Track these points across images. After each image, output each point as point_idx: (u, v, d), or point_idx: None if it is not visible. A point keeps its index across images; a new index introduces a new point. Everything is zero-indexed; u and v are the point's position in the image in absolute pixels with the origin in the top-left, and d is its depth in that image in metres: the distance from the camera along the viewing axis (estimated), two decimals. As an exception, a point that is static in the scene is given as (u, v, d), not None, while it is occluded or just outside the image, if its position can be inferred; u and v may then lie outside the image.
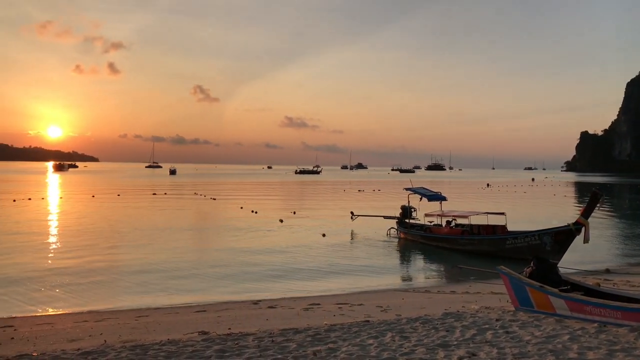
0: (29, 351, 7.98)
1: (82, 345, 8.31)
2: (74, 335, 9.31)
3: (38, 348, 8.25)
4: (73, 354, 7.60)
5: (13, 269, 16.68)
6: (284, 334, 8.49)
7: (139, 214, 34.93)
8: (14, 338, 9.17)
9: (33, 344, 8.64)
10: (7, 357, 7.56)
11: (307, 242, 23.51)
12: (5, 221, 29.78)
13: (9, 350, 8.13)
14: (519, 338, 7.77)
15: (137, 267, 17.51)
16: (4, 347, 8.45)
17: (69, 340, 8.90)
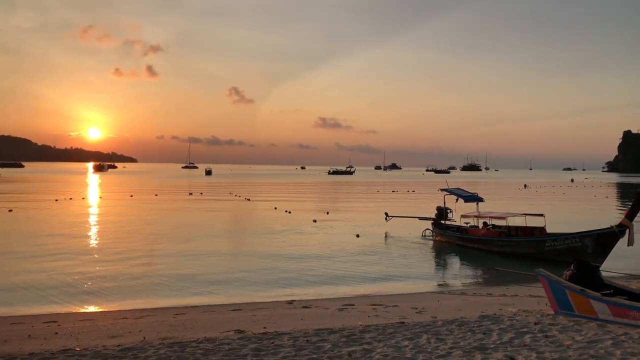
0: (72, 346, 8.23)
1: (122, 341, 8.52)
2: (114, 331, 9.55)
3: (81, 343, 8.50)
4: (113, 349, 7.81)
5: (56, 267, 17.22)
6: (318, 334, 8.52)
7: (175, 214, 35.57)
8: (58, 333, 9.47)
9: (76, 339, 8.90)
10: (52, 351, 7.82)
11: (340, 242, 23.50)
12: (48, 220, 30.78)
13: (53, 345, 8.41)
14: (559, 342, 7.60)
15: (174, 266, 17.83)
16: (48, 342, 8.73)
17: (109, 336, 9.14)
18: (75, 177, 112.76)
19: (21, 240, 22.70)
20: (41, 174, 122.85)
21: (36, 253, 19.67)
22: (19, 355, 7.56)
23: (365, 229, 27.93)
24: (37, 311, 12.17)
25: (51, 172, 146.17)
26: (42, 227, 27.58)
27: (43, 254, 19.57)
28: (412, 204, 47.64)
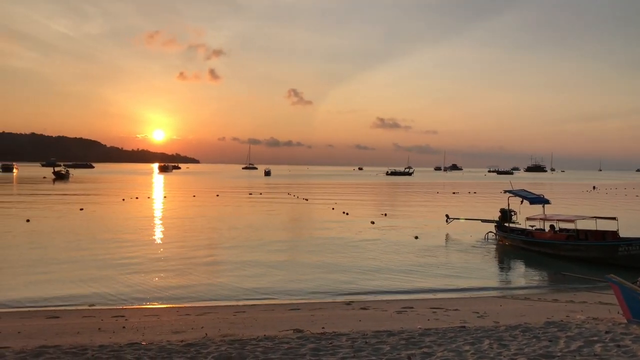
0: (138, 340, 8.55)
1: (185, 337, 8.77)
2: (177, 327, 9.85)
3: (146, 338, 8.82)
4: (177, 345, 8.04)
5: (122, 264, 17.97)
6: (377, 336, 8.45)
7: (236, 213, 36.34)
8: (125, 327, 9.87)
9: (142, 334, 9.24)
10: (120, 344, 8.15)
11: (399, 244, 23.25)
12: (115, 219, 32.18)
13: (121, 339, 8.76)
14: (633, 353, 7.18)
15: (234, 264, 18.21)
16: (117, 335, 9.11)
17: (173, 332, 9.43)
18: (141, 177, 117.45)
19: (90, 238, 23.85)
20: (109, 174, 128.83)
21: (104, 250, 20.61)
22: (90, 347, 7.92)
23: (424, 231, 27.51)
24: (106, 305, 12.75)
25: (119, 172, 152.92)
26: (109, 225, 28.86)
27: (110, 251, 20.47)
28: (473, 205, 46.52)
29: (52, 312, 11.69)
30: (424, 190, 77.20)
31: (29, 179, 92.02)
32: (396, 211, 40.52)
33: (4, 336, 9.05)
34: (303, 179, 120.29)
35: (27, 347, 8.03)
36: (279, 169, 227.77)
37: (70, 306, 12.69)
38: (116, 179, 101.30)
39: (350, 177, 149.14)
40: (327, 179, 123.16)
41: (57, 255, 19.29)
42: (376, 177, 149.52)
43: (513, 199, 25.25)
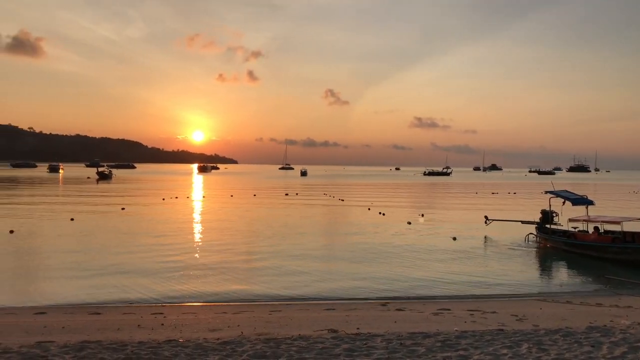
0: (176, 337, 8.71)
1: (221, 335, 8.88)
2: (214, 325, 9.98)
3: (184, 335, 8.98)
4: (213, 342, 8.16)
5: (162, 263, 18.35)
6: (412, 338, 8.37)
7: (272, 213, 36.62)
8: (164, 324, 10.07)
9: (180, 331, 9.41)
10: (158, 341, 8.33)
11: (436, 245, 22.98)
12: (155, 219, 32.89)
13: (159, 335, 8.95)
14: (681, 361, 6.89)
15: (270, 264, 18.35)
16: (155, 332, 9.31)
17: (210, 329, 9.56)
18: (181, 177, 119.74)
19: (131, 237, 24.45)
20: (150, 175, 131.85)
21: (144, 248, 21.10)
22: (130, 343, 8.12)
23: (462, 232, 27.09)
24: (145, 302, 13.05)
25: (159, 173, 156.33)
26: (149, 225, 29.52)
27: (150, 249, 20.94)
28: (513, 206, 45.54)
29: (94, 309, 12.04)
30: (462, 191, 76.04)
31: (73, 179, 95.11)
32: (433, 212, 40.04)
33: (49, 331, 9.37)
34: (339, 179, 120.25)
35: (70, 341, 8.29)
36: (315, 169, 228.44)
37: (111, 303, 13.04)
38: (157, 179, 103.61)
39: (387, 177, 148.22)
40: (363, 180, 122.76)
41: (99, 253, 19.86)
42: (413, 177, 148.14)
43: (554, 200, 24.59)
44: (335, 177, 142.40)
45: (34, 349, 7.73)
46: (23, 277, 16.16)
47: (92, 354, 7.46)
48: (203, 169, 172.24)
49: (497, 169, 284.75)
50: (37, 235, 24.52)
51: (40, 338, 8.66)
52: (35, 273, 16.83)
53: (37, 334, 9.03)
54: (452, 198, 60.91)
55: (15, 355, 7.37)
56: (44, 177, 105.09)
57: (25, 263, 18.29)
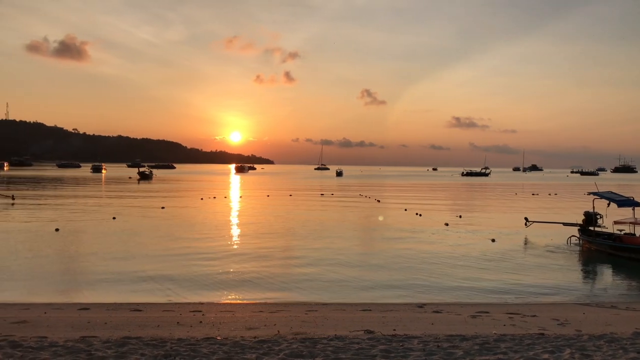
0: (214, 335, 8.85)
1: (258, 333, 8.98)
2: (251, 323, 10.09)
3: (221, 333, 9.11)
4: (250, 340, 8.25)
5: (200, 261, 18.66)
6: (450, 340, 8.27)
7: (308, 213, 36.75)
8: (202, 322, 10.24)
9: (217, 329, 9.55)
10: (197, 338, 8.48)
11: (474, 247, 22.61)
12: (194, 218, 33.46)
13: (198, 333, 9.11)
14: None
15: (306, 263, 18.42)
16: (194, 329, 9.48)
17: (247, 328, 9.67)
18: (219, 177, 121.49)
19: (170, 236, 24.95)
20: (189, 175, 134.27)
21: (183, 247, 21.50)
22: (169, 340, 8.30)
23: (501, 234, 26.58)
24: (184, 300, 13.29)
25: (198, 173, 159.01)
26: (188, 223, 30.06)
27: (189, 248, 21.32)
28: (554, 208, 44.40)
29: (135, 305, 12.33)
30: (501, 192, 74.58)
31: (116, 179, 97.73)
32: (472, 213, 39.42)
33: (92, 326, 9.66)
34: (375, 180, 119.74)
35: (112, 337, 8.53)
36: (350, 170, 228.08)
37: (151, 300, 13.33)
38: (195, 179, 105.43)
39: (424, 177, 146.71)
40: (399, 180, 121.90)
41: (139, 252, 20.34)
42: (451, 177, 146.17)
43: (599, 202, 23.85)
44: (371, 177, 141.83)
45: (78, 343, 7.98)
46: (68, 274, 16.70)
47: (133, 350, 7.65)
48: (240, 169, 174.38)
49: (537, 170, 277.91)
50: (80, 234, 25.30)
51: (84, 333, 8.93)
52: (79, 270, 17.38)
53: (81, 329, 9.32)
54: (490, 199, 59.81)
55: (61, 349, 7.63)
56: (88, 177, 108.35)
57: (69, 260, 18.90)
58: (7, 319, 10.28)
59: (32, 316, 10.63)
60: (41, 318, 10.46)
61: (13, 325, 9.63)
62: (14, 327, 9.52)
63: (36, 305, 12.20)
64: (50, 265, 17.73)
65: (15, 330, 9.11)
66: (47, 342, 8.08)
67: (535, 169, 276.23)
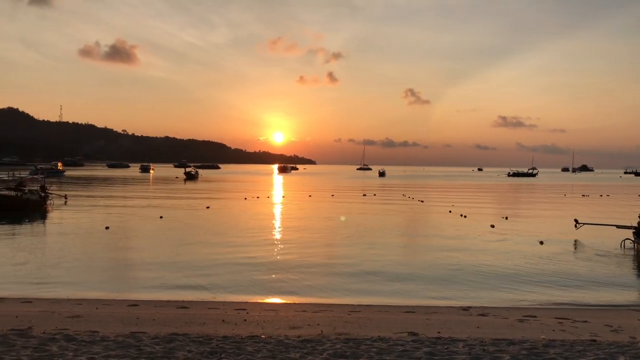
0: (258, 333, 8.96)
1: (302, 333, 9.03)
2: (294, 323, 10.16)
3: (265, 331, 9.21)
4: (294, 340, 8.31)
5: (244, 260, 18.92)
6: (496, 344, 8.10)
7: (350, 213, 36.68)
8: (247, 320, 10.38)
9: (261, 327, 9.67)
10: (241, 336, 8.61)
11: (521, 249, 22.05)
12: (238, 217, 33.95)
13: (242, 331, 9.24)
14: None
15: (349, 264, 18.39)
16: (239, 327, 9.62)
17: (290, 327, 9.75)
18: (262, 177, 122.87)
19: (215, 234, 25.40)
20: (233, 175, 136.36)
21: (227, 246, 21.85)
22: (215, 337, 8.45)
23: (550, 236, 25.82)
24: (229, 298, 13.50)
25: (242, 173, 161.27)
26: (232, 223, 30.52)
27: (233, 247, 21.65)
28: (606, 210, 42.82)
29: (182, 303, 12.61)
30: (549, 193, 72.47)
31: (163, 179, 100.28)
32: (518, 214, 38.47)
33: (141, 322, 9.94)
34: (418, 180, 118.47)
35: (160, 333, 8.75)
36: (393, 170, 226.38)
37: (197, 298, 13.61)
38: (239, 180, 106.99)
39: (469, 178, 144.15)
40: (444, 180, 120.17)
41: (185, 250, 20.80)
42: (497, 178, 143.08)
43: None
44: (414, 177, 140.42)
45: (128, 339, 8.23)
46: (117, 271, 17.24)
47: (180, 346, 7.83)
48: (283, 170, 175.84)
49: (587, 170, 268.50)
50: (129, 232, 26.08)
51: (133, 329, 9.21)
52: (128, 267, 17.92)
53: (131, 325, 9.62)
54: (538, 200, 58.22)
55: (112, 344, 7.89)
56: (136, 176, 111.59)
57: (119, 258, 19.51)
58: (62, 313, 10.71)
59: (84, 311, 11.04)
60: (93, 313, 10.85)
61: (67, 320, 10.02)
62: (68, 321, 9.91)
63: (88, 301, 12.66)
64: (100, 262, 18.35)
65: (69, 324, 9.48)
66: (98, 336, 8.37)
67: (585, 170, 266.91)
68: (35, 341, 7.91)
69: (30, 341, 7.90)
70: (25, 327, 9.08)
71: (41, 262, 17.86)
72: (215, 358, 7.23)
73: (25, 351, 7.33)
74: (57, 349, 7.47)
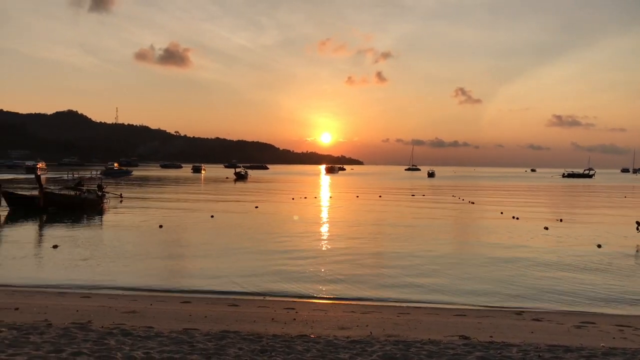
0: (307, 333, 9.01)
1: (351, 334, 9.01)
2: (343, 323, 10.15)
3: (315, 331, 9.24)
4: (343, 340, 8.30)
5: (292, 259, 19.05)
6: (552, 351, 7.84)
7: (399, 214, 36.36)
8: (296, 320, 10.45)
9: (311, 327, 9.71)
10: (291, 335, 8.67)
11: (577, 252, 21.24)
12: (286, 217, 34.23)
13: (292, 330, 9.31)
14: None
15: (397, 265, 18.22)
16: (288, 326, 9.70)
17: (339, 327, 9.74)
18: (310, 178, 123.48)
19: (264, 233, 25.70)
20: (281, 175, 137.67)
21: (276, 245, 22.06)
22: (265, 336, 8.55)
23: (608, 239, 24.76)
24: (278, 297, 13.64)
25: (290, 173, 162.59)
26: (280, 222, 30.82)
27: (281, 246, 21.85)
28: (669, 212, 40.69)
29: (232, 301, 12.83)
30: (608, 194, 69.56)
31: (214, 179, 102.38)
32: (574, 216, 37.10)
33: (193, 319, 10.18)
34: (469, 181, 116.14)
35: (212, 330, 8.93)
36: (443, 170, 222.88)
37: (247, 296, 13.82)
38: (287, 180, 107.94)
39: (522, 179, 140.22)
40: (495, 181, 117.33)
41: (235, 249, 21.14)
42: (551, 179, 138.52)
43: None
44: (464, 178, 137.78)
45: (181, 335, 8.44)
46: (170, 268, 17.71)
47: (232, 343, 7.96)
48: (330, 170, 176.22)
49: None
50: (182, 230, 26.75)
51: (186, 325, 9.43)
52: (180, 265, 18.38)
53: (183, 321, 9.86)
54: (595, 202, 55.95)
55: (166, 339, 8.11)
56: (188, 176, 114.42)
57: (172, 255, 20.05)
58: (118, 308, 11.10)
59: (139, 307, 11.39)
60: (148, 309, 11.18)
61: (124, 315, 10.38)
62: (124, 316, 10.26)
63: (143, 297, 13.07)
64: (154, 259, 18.90)
65: (125, 320, 9.81)
66: (153, 332, 8.62)
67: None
68: (94, 335, 8.23)
69: (89, 335, 8.23)
70: (85, 321, 9.46)
71: (98, 258, 18.57)
72: (265, 356, 7.32)
73: (86, 344, 7.64)
74: (114, 343, 7.75)
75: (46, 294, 13.23)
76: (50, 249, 20.13)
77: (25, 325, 8.85)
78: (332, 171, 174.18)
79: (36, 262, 17.95)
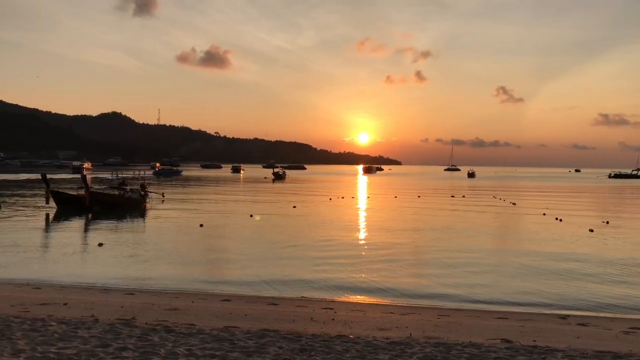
0: (346, 333, 9.01)
1: (390, 335, 8.96)
2: (382, 324, 10.11)
3: (353, 331, 9.23)
4: (382, 341, 8.27)
5: (330, 259, 19.06)
6: (599, 357, 7.61)
7: (438, 215, 35.92)
8: (334, 319, 10.46)
9: (349, 327, 9.71)
10: (330, 335, 8.69)
11: (624, 256, 20.52)
12: (324, 216, 34.28)
13: (330, 329, 9.33)
14: None
15: (438, 266, 18.01)
16: (327, 326, 9.72)
17: (378, 328, 9.70)
18: (347, 178, 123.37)
19: (301, 234, 25.82)
20: (319, 175, 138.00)
21: (315, 244, 22.13)
22: (304, 335, 8.60)
23: (658, 242, 23.82)
24: (316, 297, 13.68)
25: (327, 173, 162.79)
26: (318, 222, 30.87)
27: (319, 246, 21.89)
28: None
29: (272, 299, 12.95)
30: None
31: (252, 179, 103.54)
32: (621, 219, 35.84)
33: (233, 317, 10.32)
34: (510, 181, 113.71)
35: (252, 328, 9.04)
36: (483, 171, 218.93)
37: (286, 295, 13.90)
38: (324, 180, 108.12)
39: (566, 179, 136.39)
40: (538, 182, 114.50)
41: (273, 248, 21.32)
42: (596, 179, 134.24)
43: None
44: (506, 178, 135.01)
45: (222, 332, 8.57)
46: (211, 266, 18.01)
47: (271, 342, 8.04)
48: (368, 170, 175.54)
49: None
50: (221, 229, 27.17)
51: (227, 323, 9.57)
52: (221, 263, 18.67)
53: (224, 319, 10.01)
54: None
55: (207, 337, 8.25)
56: (228, 176, 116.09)
57: (212, 254, 20.38)
58: (161, 305, 11.36)
59: (182, 304, 11.63)
60: (189, 307, 11.40)
61: (166, 312, 10.61)
62: (167, 313, 10.49)
63: (185, 295, 13.33)
64: (195, 258, 19.26)
65: (168, 317, 10.04)
66: (195, 329, 8.79)
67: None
68: (138, 331, 8.45)
69: (134, 331, 8.45)
70: (129, 317, 9.72)
71: (141, 256, 19.05)
72: (305, 355, 7.36)
73: (130, 340, 7.85)
74: (158, 340, 7.93)
75: (92, 291, 13.66)
76: (96, 247, 20.77)
77: (74, 320, 9.17)
78: (369, 171, 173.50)
79: (82, 260, 18.56)
